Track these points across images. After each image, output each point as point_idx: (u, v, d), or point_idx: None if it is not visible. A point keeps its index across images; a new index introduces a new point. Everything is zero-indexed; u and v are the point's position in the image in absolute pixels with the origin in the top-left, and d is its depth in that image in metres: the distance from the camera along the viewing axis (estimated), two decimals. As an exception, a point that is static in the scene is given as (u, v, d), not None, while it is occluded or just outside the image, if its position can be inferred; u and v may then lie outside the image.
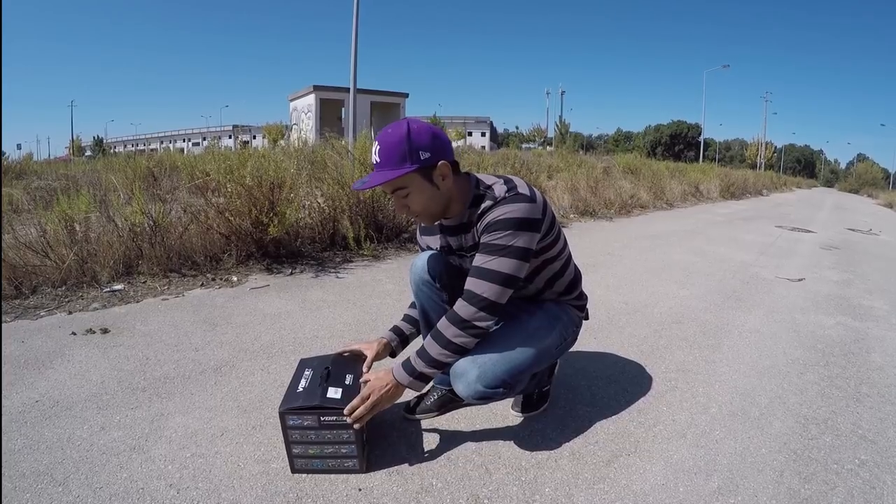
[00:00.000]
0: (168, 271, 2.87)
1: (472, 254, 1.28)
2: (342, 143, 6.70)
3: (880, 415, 1.65)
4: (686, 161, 24.55)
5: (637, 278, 3.37)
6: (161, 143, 44.54)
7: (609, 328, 2.35)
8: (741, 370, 1.95)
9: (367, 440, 1.28)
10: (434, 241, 1.44)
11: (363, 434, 1.23)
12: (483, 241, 1.23)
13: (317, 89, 27.46)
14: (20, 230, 2.76)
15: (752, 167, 31.35)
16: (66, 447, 1.32)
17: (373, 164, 1.22)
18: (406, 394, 1.30)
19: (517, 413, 1.53)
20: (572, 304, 1.49)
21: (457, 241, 1.36)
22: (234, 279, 2.92)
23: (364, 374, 1.33)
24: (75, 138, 41.66)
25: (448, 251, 1.40)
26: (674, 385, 1.79)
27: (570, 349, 1.53)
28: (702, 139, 33.69)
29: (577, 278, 1.50)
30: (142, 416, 1.48)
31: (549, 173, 8.56)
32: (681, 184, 10.46)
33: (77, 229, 2.80)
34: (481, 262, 1.21)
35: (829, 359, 2.12)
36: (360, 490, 1.18)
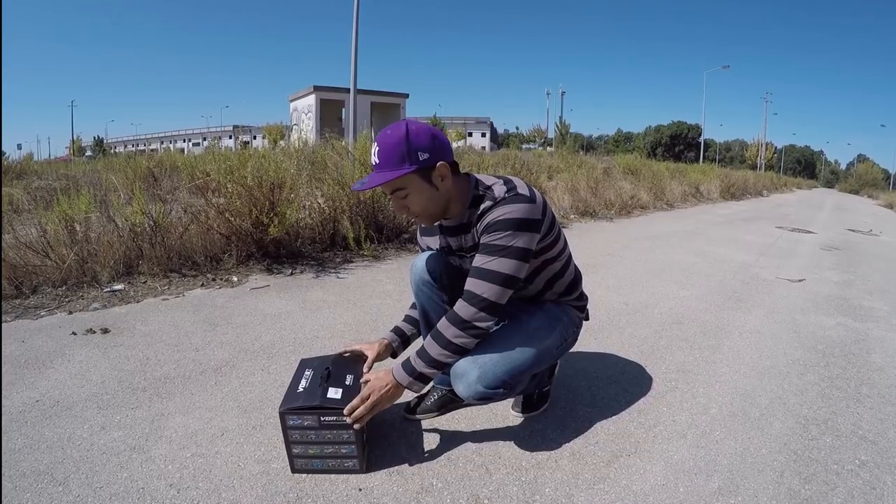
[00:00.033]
0: (168, 271, 2.87)
1: (472, 254, 1.28)
2: (342, 143, 6.71)
3: (881, 415, 1.65)
4: (686, 162, 24.54)
5: (637, 279, 3.37)
6: (161, 143, 44.53)
7: (609, 329, 2.35)
8: (741, 371, 1.95)
9: (367, 440, 1.28)
10: (434, 242, 1.44)
11: (363, 434, 1.23)
12: (483, 242, 1.23)
13: (317, 90, 27.47)
14: (20, 230, 2.76)
15: (753, 168, 31.37)
16: (66, 447, 1.32)
17: (372, 165, 1.22)
18: (406, 394, 1.30)
19: (517, 413, 1.53)
20: (573, 305, 1.49)
21: (457, 242, 1.36)
22: (235, 279, 2.92)
23: (364, 375, 1.33)
24: (76, 138, 41.71)
25: (448, 252, 1.40)
26: (674, 385, 1.79)
27: (571, 350, 1.53)
28: (702, 140, 33.72)
29: (577, 279, 1.50)
30: (142, 416, 1.48)
31: (550, 174, 8.56)
32: (681, 184, 10.46)
33: (77, 229, 2.80)
34: (481, 262, 1.21)
35: (830, 359, 2.12)
36: (361, 490, 1.18)
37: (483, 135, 54.57)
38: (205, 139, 40.28)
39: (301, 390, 1.24)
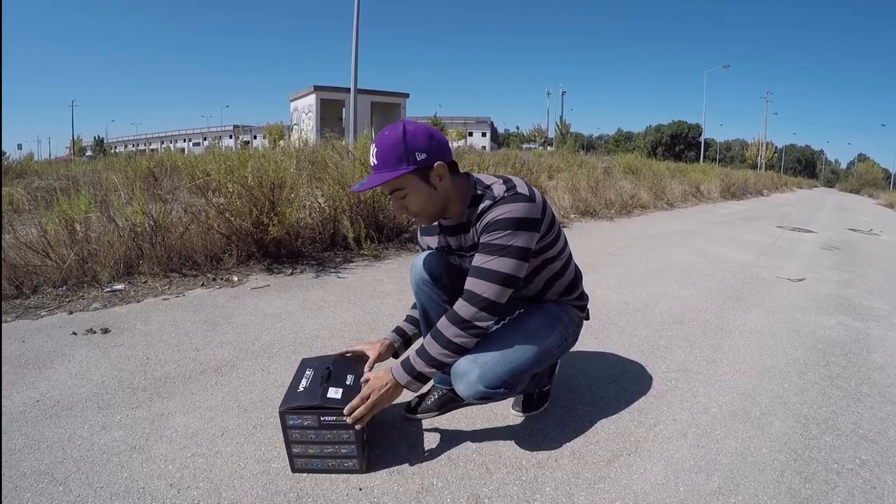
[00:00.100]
0: (169, 271, 2.87)
1: (472, 254, 1.28)
2: (342, 143, 6.71)
3: (881, 415, 1.65)
4: (687, 161, 24.55)
5: (637, 278, 3.37)
6: (162, 143, 44.52)
7: (609, 328, 2.35)
8: (742, 370, 1.95)
9: (367, 440, 1.28)
10: (434, 242, 1.44)
11: (363, 434, 1.23)
12: (482, 241, 1.23)
13: (317, 89, 27.46)
14: (21, 230, 2.76)
15: (753, 167, 31.36)
16: (66, 447, 1.32)
17: (371, 166, 1.23)
18: (406, 394, 1.30)
19: (518, 413, 1.53)
20: (573, 305, 1.49)
21: (456, 241, 1.36)
22: (235, 279, 2.92)
23: (364, 374, 1.33)
24: (76, 138, 41.74)
25: (448, 251, 1.40)
26: (674, 385, 1.79)
27: (571, 349, 1.53)
28: (702, 139, 33.75)
29: (577, 278, 1.50)
30: (142, 416, 1.48)
31: (550, 173, 8.56)
32: (681, 184, 10.46)
33: (78, 229, 2.80)
34: (481, 261, 1.21)
35: (830, 359, 2.12)
36: (361, 490, 1.18)
37: (483, 134, 54.59)
38: (205, 139, 40.31)
39: (301, 390, 1.24)
